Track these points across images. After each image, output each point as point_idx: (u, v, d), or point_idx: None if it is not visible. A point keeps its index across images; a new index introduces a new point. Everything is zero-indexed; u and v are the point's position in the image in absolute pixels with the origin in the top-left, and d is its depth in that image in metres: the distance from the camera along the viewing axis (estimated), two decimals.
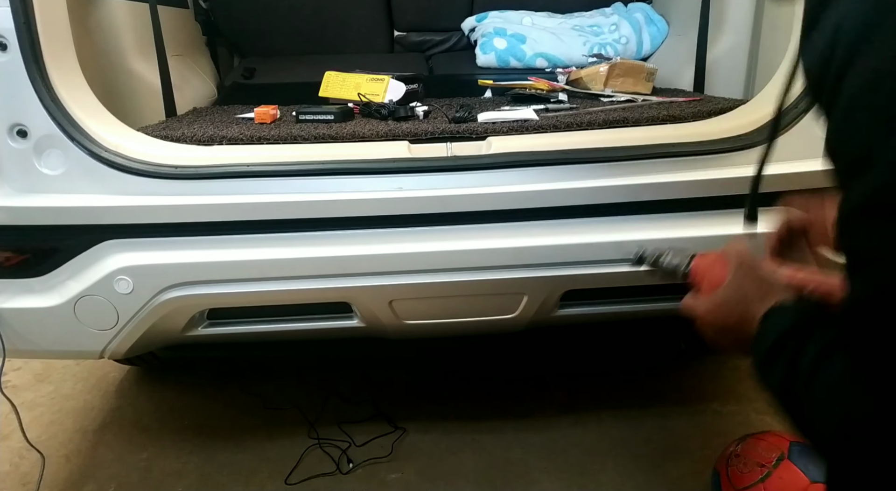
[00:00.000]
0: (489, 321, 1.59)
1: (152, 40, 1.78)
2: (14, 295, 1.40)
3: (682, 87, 2.15)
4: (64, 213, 1.36)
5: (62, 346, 1.47)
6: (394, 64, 2.49)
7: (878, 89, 0.56)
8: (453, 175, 1.40)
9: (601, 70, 1.98)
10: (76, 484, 1.82)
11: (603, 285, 1.52)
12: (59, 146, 1.36)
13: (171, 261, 1.38)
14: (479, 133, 1.52)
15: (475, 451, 1.89)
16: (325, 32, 2.63)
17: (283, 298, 1.46)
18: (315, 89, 1.88)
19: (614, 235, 1.42)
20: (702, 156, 1.43)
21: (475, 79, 2.20)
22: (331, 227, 1.39)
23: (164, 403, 2.19)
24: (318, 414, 2.05)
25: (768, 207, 1.42)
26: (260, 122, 1.67)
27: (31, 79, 1.32)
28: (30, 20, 1.30)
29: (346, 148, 1.47)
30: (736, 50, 2.01)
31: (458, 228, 1.41)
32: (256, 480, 1.81)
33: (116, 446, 1.98)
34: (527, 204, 1.40)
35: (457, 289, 1.45)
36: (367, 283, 1.42)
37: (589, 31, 2.47)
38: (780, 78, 1.54)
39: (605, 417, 2.02)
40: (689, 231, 1.42)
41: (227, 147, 1.48)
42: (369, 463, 1.85)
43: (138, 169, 1.37)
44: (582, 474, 1.79)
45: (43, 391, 2.29)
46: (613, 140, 1.45)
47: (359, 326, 1.57)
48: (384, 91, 1.81)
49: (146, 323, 1.43)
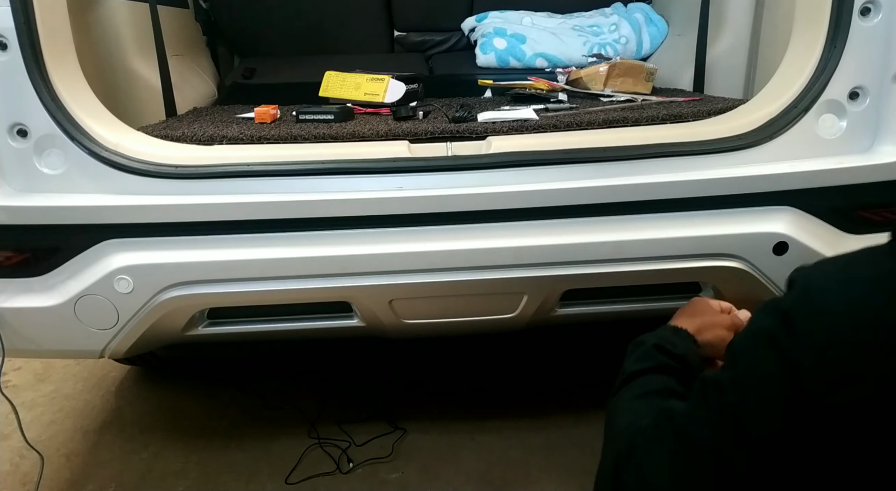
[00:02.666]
0: (489, 321, 1.59)
1: (152, 40, 1.78)
2: (14, 294, 1.40)
3: (681, 87, 2.15)
4: (64, 212, 1.36)
5: (62, 345, 1.47)
6: (394, 64, 2.49)
7: None
8: (453, 175, 1.40)
9: (601, 70, 1.98)
10: (76, 484, 1.82)
11: (603, 285, 1.52)
12: (59, 146, 1.36)
13: (172, 260, 1.38)
14: (479, 133, 1.52)
15: (475, 451, 1.89)
16: (325, 32, 2.63)
17: (283, 298, 1.46)
18: (315, 89, 1.88)
19: (614, 235, 1.42)
20: (702, 156, 1.43)
21: (475, 79, 2.20)
22: (331, 227, 1.39)
23: (165, 403, 2.19)
24: (318, 414, 2.05)
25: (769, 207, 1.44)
26: (260, 122, 1.68)
27: (31, 78, 1.32)
28: (30, 20, 1.30)
29: (346, 148, 1.47)
30: (736, 50, 2.01)
31: (458, 228, 1.41)
32: (256, 480, 1.81)
33: (116, 446, 1.98)
34: (527, 204, 1.40)
35: (457, 288, 1.45)
36: (367, 282, 1.42)
37: (589, 31, 2.47)
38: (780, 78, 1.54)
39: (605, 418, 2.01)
40: (689, 231, 1.42)
41: (228, 147, 1.48)
42: (369, 463, 1.85)
43: (138, 168, 1.37)
44: (582, 474, 1.79)
45: (43, 391, 2.29)
46: (613, 140, 1.45)
47: (359, 325, 1.57)
48: (384, 91, 1.81)
49: (146, 322, 1.43)
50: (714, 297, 1.59)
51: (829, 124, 1.44)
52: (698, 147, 1.44)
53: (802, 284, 0.67)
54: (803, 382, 0.63)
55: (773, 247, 1.41)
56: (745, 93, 2.02)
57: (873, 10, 1.39)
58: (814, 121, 1.44)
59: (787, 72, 1.51)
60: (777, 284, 1.45)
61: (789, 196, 1.42)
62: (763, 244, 1.42)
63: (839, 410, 0.61)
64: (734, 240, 1.42)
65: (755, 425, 0.66)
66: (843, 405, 0.61)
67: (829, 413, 0.62)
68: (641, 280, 1.49)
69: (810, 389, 0.63)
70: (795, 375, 0.64)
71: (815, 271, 0.68)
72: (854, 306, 0.63)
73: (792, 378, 0.64)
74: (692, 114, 1.60)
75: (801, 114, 1.43)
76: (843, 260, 0.68)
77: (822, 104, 1.42)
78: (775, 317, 0.68)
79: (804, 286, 0.67)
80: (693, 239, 1.42)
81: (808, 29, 1.47)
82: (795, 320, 0.65)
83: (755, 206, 1.42)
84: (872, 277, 0.65)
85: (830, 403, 0.62)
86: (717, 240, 1.42)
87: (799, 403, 0.63)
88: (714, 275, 1.50)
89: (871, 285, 0.64)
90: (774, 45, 1.84)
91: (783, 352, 0.65)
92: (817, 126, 1.44)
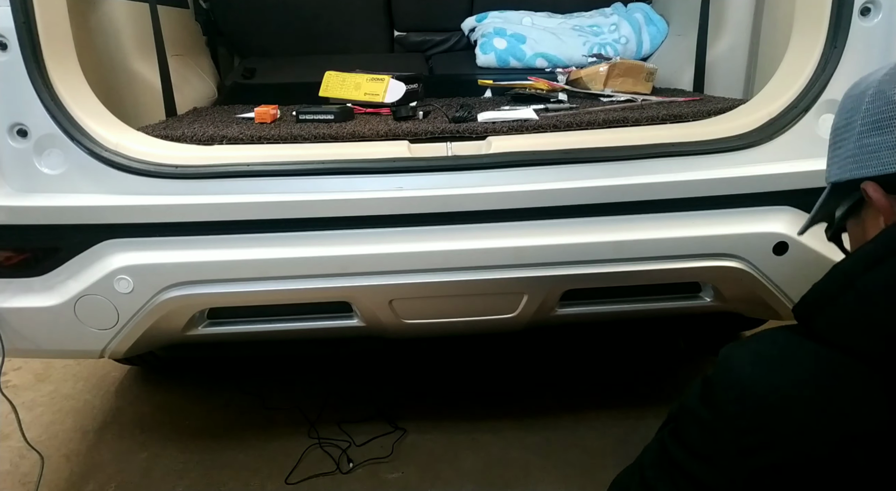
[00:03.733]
0: (489, 321, 1.59)
1: (152, 40, 1.78)
2: (14, 294, 1.40)
3: (681, 87, 2.15)
4: (64, 212, 1.36)
5: (62, 345, 1.47)
6: (394, 64, 2.49)
7: None
8: (453, 175, 1.40)
9: (601, 70, 1.98)
10: (76, 484, 1.82)
11: (603, 285, 1.52)
12: (59, 146, 1.36)
13: (172, 260, 1.38)
14: (479, 133, 1.52)
15: (475, 451, 1.89)
16: (325, 32, 2.63)
17: (283, 298, 1.46)
18: (315, 89, 1.88)
19: (614, 235, 1.42)
20: (702, 155, 1.43)
21: (475, 79, 2.20)
22: (331, 227, 1.39)
23: (164, 403, 2.19)
24: (318, 414, 2.05)
25: (769, 207, 1.44)
26: (260, 122, 1.68)
27: (32, 78, 1.32)
28: (30, 20, 1.31)
29: (346, 147, 1.47)
30: (736, 50, 2.01)
31: (458, 228, 1.41)
32: (256, 480, 1.81)
33: (116, 446, 1.98)
34: (527, 204, 1.40)
35: (457, 288, 1.45)
36: (367, 282, 1.42)
37: (589, 31, 2.47)
38: (780, 78, 1.54)
39: (605, 417, 2.02)
40: (689, 231, 1.42)
41: (228, 147, 1.48)
42: (369, 463, 1.85)
43: (138, 168, 1.37)
44: (582, 474, 1.79)
45: (43, 391, 2.29)
46: (613, 140, 1.45)
47: (359, 325, 1.57)
48: (384, 91, 1.81)
49: (146, 322, 1.43)
50: (714, 297, 1.59)
51: (830, 124, 1.44)
52: (698, 147, 1.44)
53: (723, 357, 0.75)
54: (723, 446, 0.70)
55: (773, 247, 1.41)
56: (745, 93, 2.01)
57: (873, 10, 1.39)
58: (814, 121, 1.43)
59: (787, 72, 1.51)
60: (777, 285, 1.45)
61: (789, 196, 1.42)
62: (763, 244, 1.42)
63: (759, 473, 0.68)
64: (734, 240, 1.42)
65: (693, 483, 0.74)
66: (761, 468, 0.67)
67: (750, 476, 0.68)
68: (641, 280, 1.49)
69: (730, 453, 0.70)
70: (716, 441, 0.72)
71: (736, 348, 0.76)
72: (759, 381, 0.70)
73: (714, 443, 0.72)
74: (692, 114, 1.60)
75: (801, 114, 1.43)
76: (764, 338, 0.76)
77: (822, 104, 1.42)
78: (702, 385, 0.77)
79: (724, 359, 0.75)
80: (693, 239, 1.42)
81: (808, 29, 1.47)
82: (715, 390, 0.73)
83: (755, 206, 1.42)
84: (778, 356, 0.71)
85: (751, 466, 0.68)
86: (717, 240, 1.42)
87: (723, 465, 0.71)
88: (714, 275, 1.50)
89: (777, 363, 0.71)
90: (774, 45, 1.84)
91: (704, 422, 0.74)
92: (817, 126, 1.44)
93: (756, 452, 0.68)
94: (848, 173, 0.80)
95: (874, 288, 0.68)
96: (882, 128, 0.74)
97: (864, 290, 0.69)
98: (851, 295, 0.69)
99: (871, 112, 0.75)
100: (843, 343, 0.68)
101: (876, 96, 0.75)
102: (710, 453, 0.73)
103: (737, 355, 0.75)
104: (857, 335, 0.68)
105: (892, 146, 0.73)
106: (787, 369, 0.70)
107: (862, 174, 0.77)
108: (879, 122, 0.74)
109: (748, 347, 0.75)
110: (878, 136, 0.74)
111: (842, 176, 0.81)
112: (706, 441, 0.74)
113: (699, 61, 2.00)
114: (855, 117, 0.78)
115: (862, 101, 0.78)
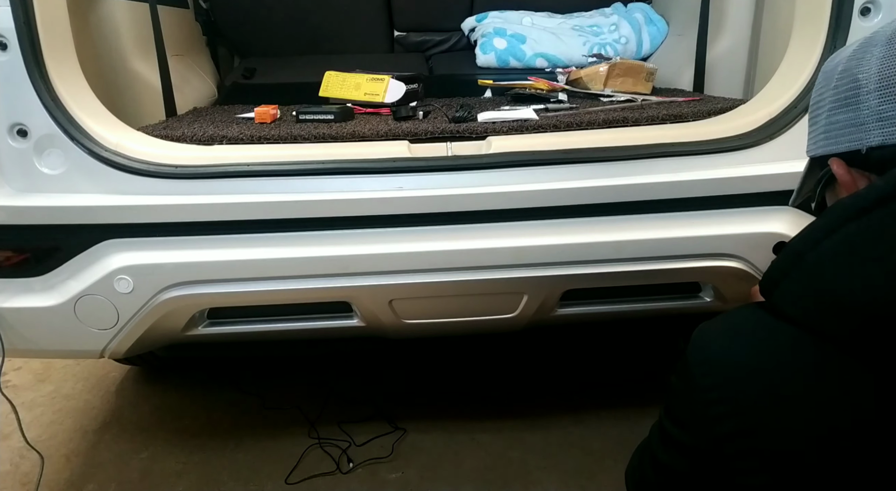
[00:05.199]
0: (489, 321, 1.59)
1: (152, 40, 1.78)
2: (14, 294, 1.40)
3: (681, 87, 2.16)
4: (64, 212, 1.36)
5: (62, 345, 1.47)
6: (394, 64, 2.49)
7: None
8: (453, 175, 1.40)
9: (601, 70, 1.98)
10: (76, 484, 1.82)
11: (602, 285, 1.52)
12: (59, 146, 1.36)
13: (172, 260, 1.38)
14: (479, 133, 1.52)
15: (475, 451, 1.89)
16: (324, 32, 2.63)
17: (283, 298, 1.46)
18: (315, 89, 1.88)
19: (614, 235, 1.42)
20: (702, 156, 1.43)
21: (475, 79, 2.20)
22: (331, 227, 1.39)
23: (164, 403, 2.19)
24: (318, 414, 2.05)
25: (769, 207, 1.44)
26: (260, 122, 1.68)
27: (31, 78, 1.32)
28: (30, 20, 1.31)
29: (346, 148, 1.47)
30: (736, 50, 2.01)
31: (458, 228, 1.41)
32: (256, 480, 1.81)
33: (116, 446, 1.98)
34: (527, 204, 1.40)
35: (457, 288, 1.45)
36: (367, 282, 1.42)
37: (589, 31, 2.47)
38: (780, 78, 1.54)
39: (605, 417, 2.02)
40: (689, 231, 1.42)
41: (228, 147, 1.48)
42: (369, 463, 1.85)
43: (138, 168, 1.37)
44: (582, 474, 1.79)
45: (43, 391, 2.29)
46: (613, 140, 1.46)
47: (359, 325, 1.57)
48: (384, 91, 1.81)
49: (146, 322, 1.43)
50: (714, 296, 1.59)
51: None
52: (698, 147, 1.44)
53: (697, 333, 0.80)
54: (697, 414, 0.76)
55: (773, 247, 1.41)
56: (745, 93, 2.02)
57: (873, 10, 1.39)
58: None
59: (787, 72, 1.51)
60: None
61: (789, 196, 1.42)
62: (763, 244, 1.42)
63: (728, 438, 0.72)
64: (734, 240, 1.42)
65: (677, 447, 0.81)
66: (729, 434, 0.72)
67: (721, 439, 0.73)
68: (641, 280, 1.49)
69: (703, 419, 0.75)
70: (692, 410, 0.77)
71: (709, 325, 0.80)
72: (727, 355, 0.75)
73: (690, 412, 0.78)
74: (692, 114, 1.60)
75: (801, 114, 1.43)
76: (735, 315, 0.80)
77: None
78: (680, 360, 0.81)
79: (698, 335, 0.80)
80: (693, 239, 1.42)
81: (808, 29, 1.47)
82: (689, 364, 0.78)
83: (755, 207, 1.42)
84: (744, 330, 0.76)
85: (719, 431, 0.73)
86: (717, 240, 1.43)
87: (697, 430, 0.77)
88: (714, 275, 1.50)
89: (743, 338, 0.76)
90: (774, 45, 1.84)
91: (680, 393, 0.80)
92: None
93: (723, 420, 0.72)
94: (821, 149, 0.82)
95: (821, 259, 0.70)
96: (848, 105, 0.75)
97: (812, 262, 0.71)
98: (801, 269, 0.72)
99: (839, 89, 0.77)
100: (795, 316, 0.72)
101: (843, 74, 0.76)
102: (686, 420, 0.79)
103: (708, 331, 0.79)
104: (807, 308, 0.71)
105: (855, 123, 0.74)
106: (751, 344, 0.74)
107: (831, 150, 0.79)
108: (846, 98, 0.75)
109: (719, 324, 0.80)
110: (843, 114, 0.76)
111: (816, 151, 0.84)
112: (683, 410, 0.80)
113: (699, 61, 2.00)
114: (826, 94, 0.80)
115: (832, 77, 0.79)
